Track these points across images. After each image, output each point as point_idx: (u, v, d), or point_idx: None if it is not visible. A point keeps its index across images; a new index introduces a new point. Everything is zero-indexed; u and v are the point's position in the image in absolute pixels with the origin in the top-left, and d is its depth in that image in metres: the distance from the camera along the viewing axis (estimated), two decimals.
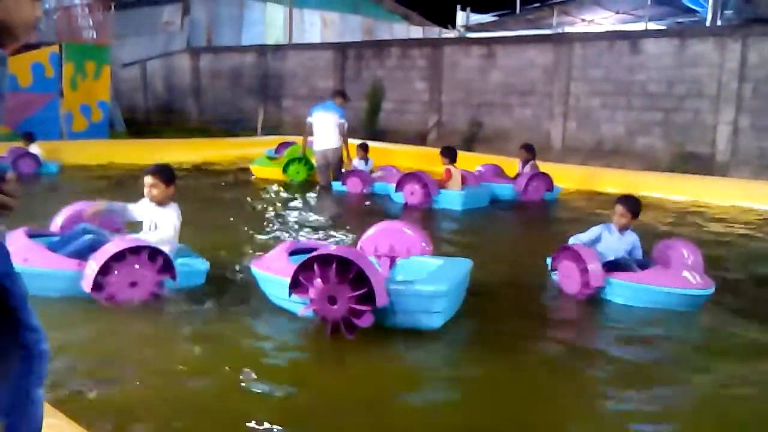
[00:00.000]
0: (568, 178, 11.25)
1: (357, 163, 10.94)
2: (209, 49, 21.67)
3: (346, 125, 10.28)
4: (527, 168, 10.37)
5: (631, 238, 5.34)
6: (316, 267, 3.95)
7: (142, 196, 4.88)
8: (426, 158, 12.59)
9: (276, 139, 14.34)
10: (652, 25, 19.03)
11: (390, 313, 4.07)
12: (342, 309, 3.91)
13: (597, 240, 5.34)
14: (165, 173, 4.83)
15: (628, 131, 13.07)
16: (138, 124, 18.72)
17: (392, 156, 13.22)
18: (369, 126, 16.75)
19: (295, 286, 4.06)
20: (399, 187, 9.17)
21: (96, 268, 4.34)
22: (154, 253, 4.55)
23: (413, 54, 16.49)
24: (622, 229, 5.31)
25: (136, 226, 5.12)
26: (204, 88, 21.21)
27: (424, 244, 4.96)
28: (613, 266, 5.05)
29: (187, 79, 21.54)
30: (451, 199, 9.01)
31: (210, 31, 22.36)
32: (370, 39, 22.27)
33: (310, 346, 4.09)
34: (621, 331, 4.57)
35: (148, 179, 4.78)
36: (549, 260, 5.38)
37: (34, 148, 11.15)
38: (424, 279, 4.33)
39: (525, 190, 9.71)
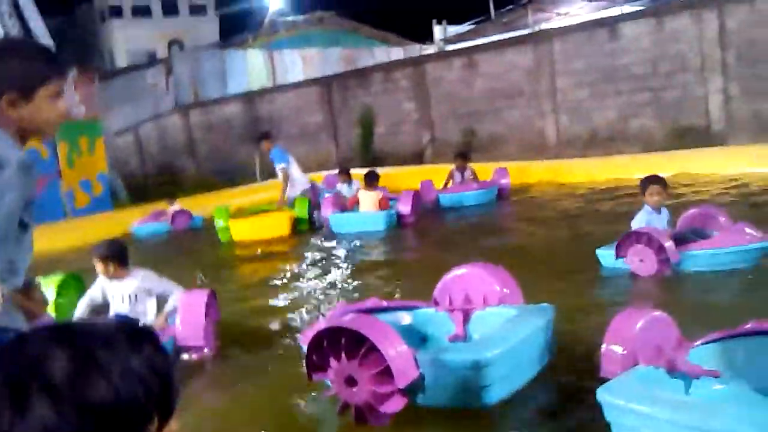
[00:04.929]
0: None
1: (340, 187, 10.91)
2: (197, 104, 21.90)
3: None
4: (468, 173, 10.69)
5: (666, 214, 5.53)
6: (325, 344, 3.31)
7: None
8: (422, 176, 12.55)
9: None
10: (628, 8, 19.07)
11: (422, 389, 3.27)
12: (363, 392, 3.19)
13: (648, 223, 5.41)
14: (115, 255, 4.58)
15: (621, 116, 13.07)
16: (138, 189, 18.80)
17: (390, 179, 13.18)
18: (364, 153, 16.82)
19: (314, 363, 3.41)
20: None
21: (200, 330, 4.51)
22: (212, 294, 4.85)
23: (396, 76, 16.60)
24: (659, 207, 5.47)
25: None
26: (198, 143, 21.39)
27: (505, 290, 4.02)
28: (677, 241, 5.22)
29: (181, 136, 21.74)
30: (335, 221, 9.30)
31: (195, 86, 22.62)
32: (352, 68, 22.42)
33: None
34: None
35: (98, 264, 4.57)
36: (605, 250, 5.46)
37: (176, 206, 11.98)
38: (465, 343, 3.62)
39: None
